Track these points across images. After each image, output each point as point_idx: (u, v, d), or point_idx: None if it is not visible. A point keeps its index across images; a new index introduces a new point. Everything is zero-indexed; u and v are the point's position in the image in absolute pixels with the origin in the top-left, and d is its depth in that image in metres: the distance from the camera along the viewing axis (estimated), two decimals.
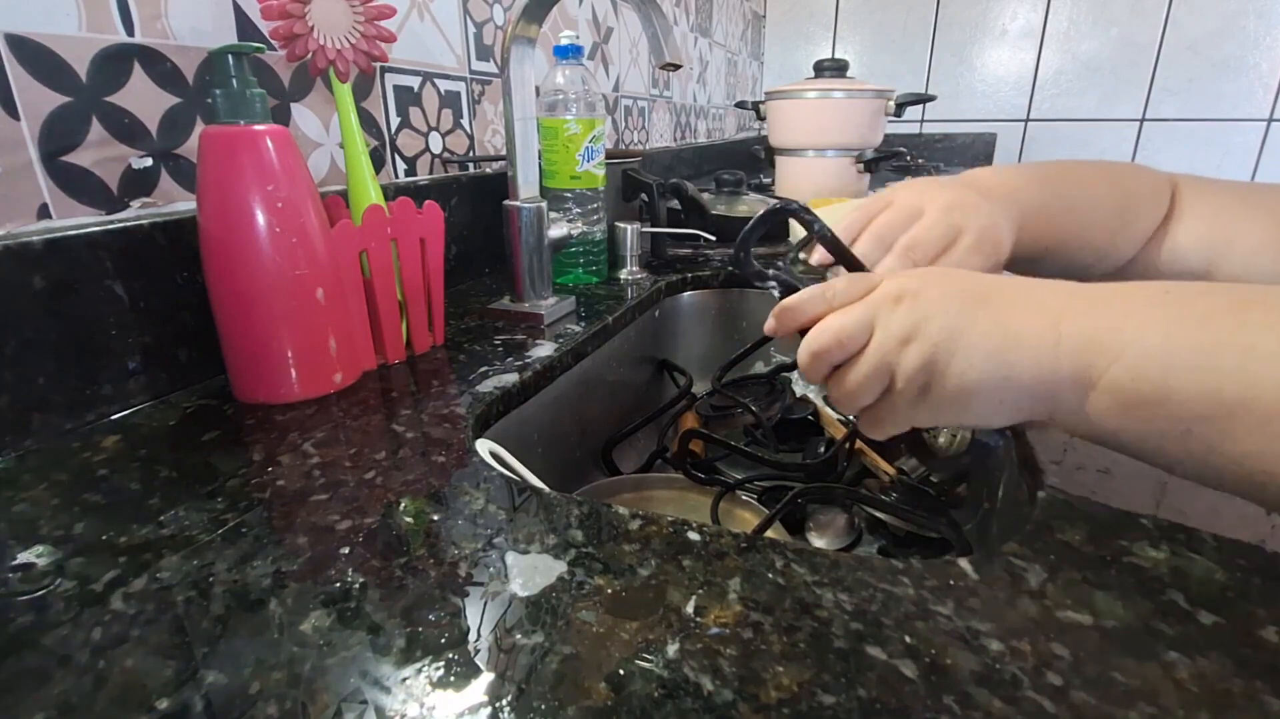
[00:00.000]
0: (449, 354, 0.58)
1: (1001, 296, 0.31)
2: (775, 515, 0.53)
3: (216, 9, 0.52)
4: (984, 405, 0.30)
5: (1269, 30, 1.80)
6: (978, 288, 0.32)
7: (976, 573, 0.29)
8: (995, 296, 0.31)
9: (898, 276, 0.33)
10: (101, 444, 0.42)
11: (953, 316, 0.30)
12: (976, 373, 0.29)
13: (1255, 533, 0.33)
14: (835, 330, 0.33)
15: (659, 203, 0.91)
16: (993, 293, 0.31)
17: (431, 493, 0.37)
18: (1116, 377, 0.27)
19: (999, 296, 0.31)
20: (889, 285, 0.33)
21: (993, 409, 0.30)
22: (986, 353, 0.29)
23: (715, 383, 0.78)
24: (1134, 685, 0.24)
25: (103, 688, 0.24)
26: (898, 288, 0.32)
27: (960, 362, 0.30)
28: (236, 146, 0.44)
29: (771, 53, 2.33)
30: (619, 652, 0.25)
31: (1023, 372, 0.29)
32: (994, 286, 0.32)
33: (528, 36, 0.60)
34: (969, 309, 0.31)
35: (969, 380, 0.30)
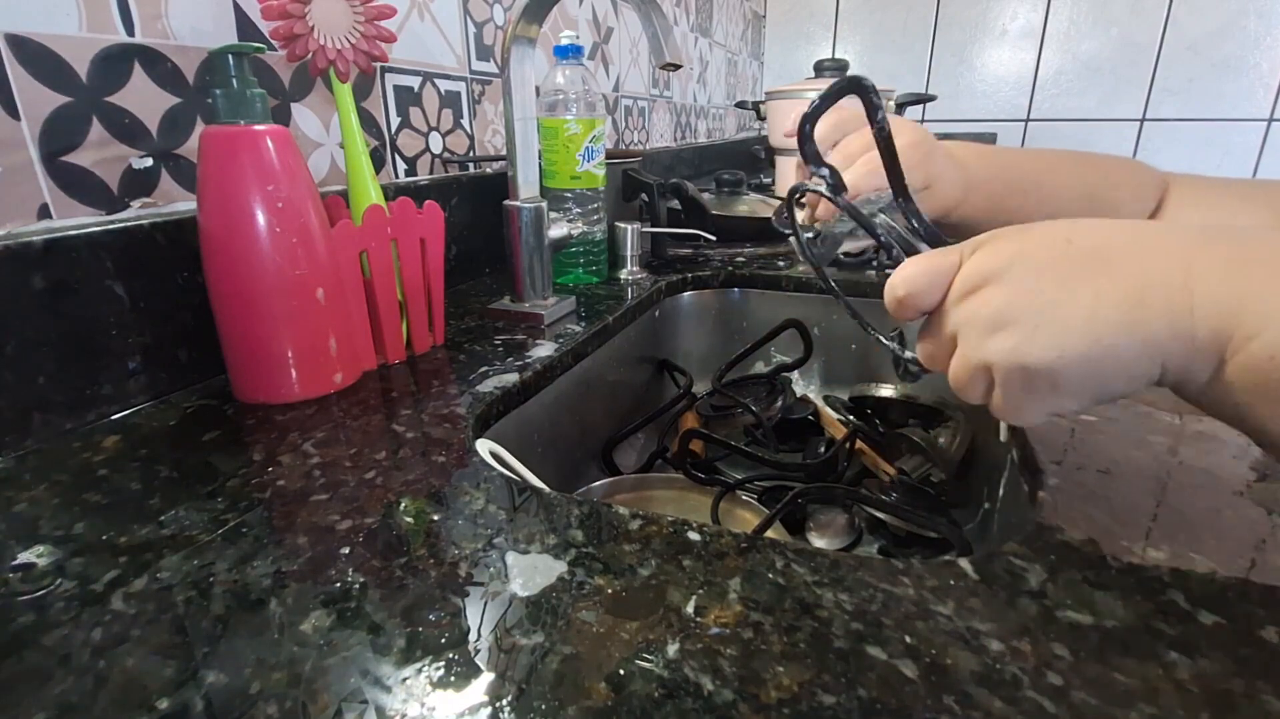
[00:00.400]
0: (449, 354, 0.58)
1: (1114, 244, 0.27)
2: (775, 515, 0.53)
3: (217, 9, 0.52)
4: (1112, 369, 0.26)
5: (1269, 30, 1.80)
6: (1081, 243, 0.27)
7: (977, 573, 0.29)
8: (1106, 247, 0.27)
9: (978, 253, 0.29)
10: (102, 444, 0.42)
11: (1050, 289, 0.27)
12: (1092, 338, 0.26)
13: (1256, 533, 0.33)
14: (924, 355, 0.31)
15: (659, 203, 0.91)
16: (1102, 244, 0.27)
17: (432, 493, 0.37)
18: (1255, 354, 0.24)
19: (1111, 245, 0.27)
20: (966, 272, 0.29)
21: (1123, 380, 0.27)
22: (1105, 314, 0.26)
23: (715, 383, 0.78)
24: (1134, 685, 0.24)
25: (103, 688, 0.24)
26: (977, 273, 0.29)
27: (1067, 335, 0.26)
28: (237, 147, 0.44)
29: (772, 53, 2.33)
30: (619, 652, 0.25)
31: (1158, 332, 0.25)
32: (1103, 236, 0.27)
33: (528, 36, 0.60)
34: (1073, 273, 0.27)
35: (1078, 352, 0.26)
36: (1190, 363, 0.25)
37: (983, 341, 0.28)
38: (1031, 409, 0.28)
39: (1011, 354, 0.27)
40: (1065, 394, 0.27)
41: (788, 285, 0.88)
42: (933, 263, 0.31)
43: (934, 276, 0.30)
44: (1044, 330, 0.26)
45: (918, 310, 0.31)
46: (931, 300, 0.31)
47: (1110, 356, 0.26)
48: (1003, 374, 0.28)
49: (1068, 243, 0.28)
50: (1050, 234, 0.29)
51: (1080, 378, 0.27)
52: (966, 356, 0.29)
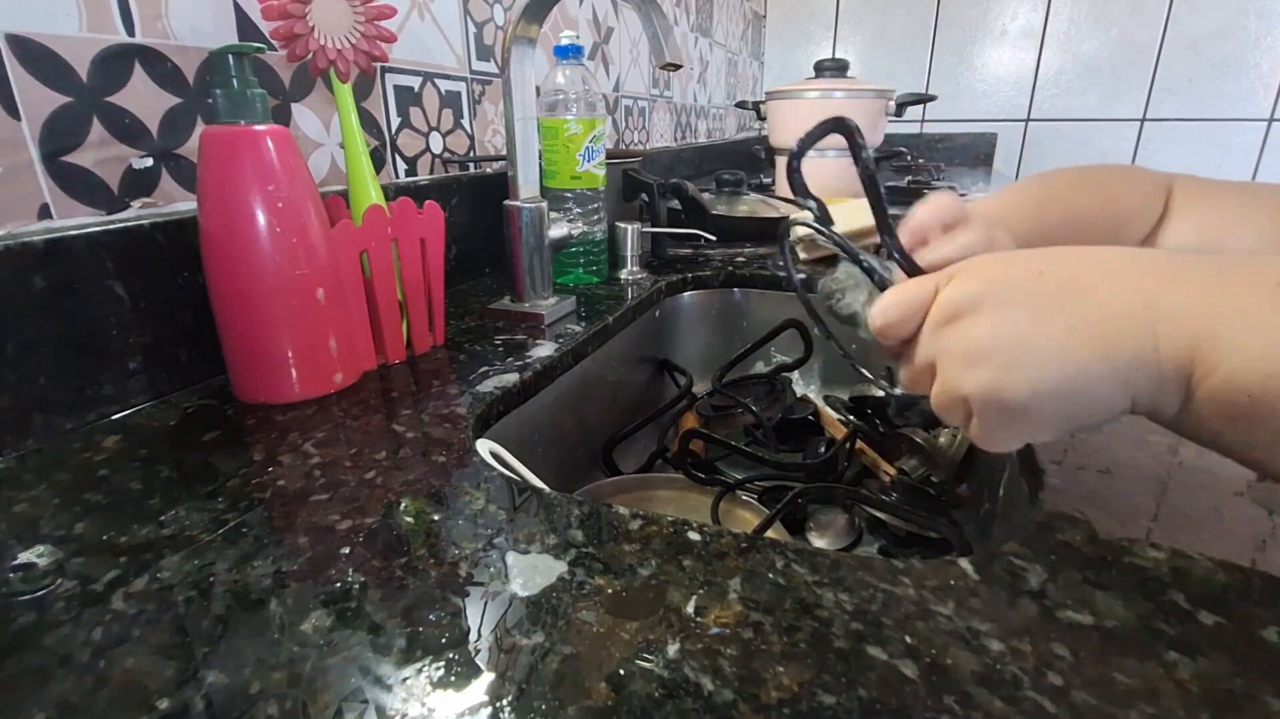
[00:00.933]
0: (449, 354, 0.58)
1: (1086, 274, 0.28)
2: (775, 515, 0.53)
3: (217, 9, 0.52)
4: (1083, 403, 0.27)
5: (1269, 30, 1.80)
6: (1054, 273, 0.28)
7: (977, 573, 0.29)
8: (1078, 278, 0.28)
9: (954, 281, 0.30)
10: (102, 444, 0.42)
11: (1024, 322, 0.27)
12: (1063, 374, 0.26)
13: (1258, 533, 0.33)
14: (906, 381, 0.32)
15: (659, 203, 0.91)
16: (1075, 274, 0.28)
17: (432, 493, 0.37)
18: (1217, 386, 0.24)
19: (1083, 276, 0.28)
20: (942, 300, 0.30)
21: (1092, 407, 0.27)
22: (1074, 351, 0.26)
23: (715, 383, 0.78)
24: (1135, 686, 0.24)
25: (103, 688, 0.24)
26: (952, 303, 0.29)
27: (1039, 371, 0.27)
28: (237, 147, 0.44)
29: (772, 53, 2.33)
30: (619, 652, 0.25)
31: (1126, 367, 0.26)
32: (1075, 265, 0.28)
33: (528, 36, 0.60)
34: (1045, 305, 0.27)
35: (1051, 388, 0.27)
36: (1159, 396, 0.26)
37: (960, 374, 0.29)
38: (1008, 440, 0.29)
39: (987, 390, 0.28)
40: (1039, 426, 0.28)
41: (788, 285, 0.88)
42: (907, 293, 0.32)
43: (909, 307, 0.31)
44: (1017, 366, 0.27)
45: (896, 339, 0.32)
46: (908, 329, 0.32)
47: (1082, 392, 0.27)
48: (980, 408, 0.29)
49: (1040, 275, 0.28)
50: (1023, 264, 0.29)
51: (1054, 411, 0.27)
52: (946, 387, 0.30)
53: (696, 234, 0.91)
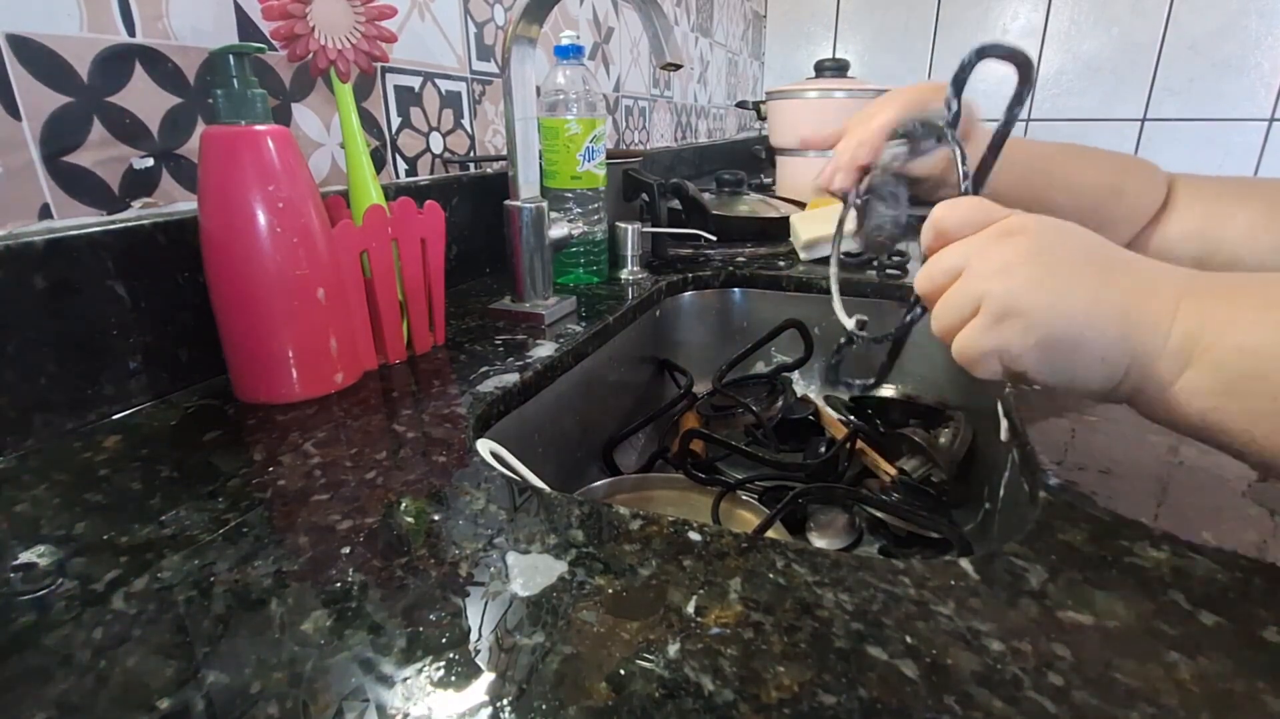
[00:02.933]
0: (450, 354, 0.58)
1: (1126, 263, 0.30)
2: (776, 515, 0.53)
3: (217, 9, 0.52)
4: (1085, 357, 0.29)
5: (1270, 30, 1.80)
6: (1110, 248, 0.31)
7: (977, 573, 0.29)
8: (1119, 261, 0.30)
9: (1025, 217, 0.32)
10: (103, 444, 0.42)
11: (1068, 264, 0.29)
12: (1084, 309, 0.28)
13: (1258, 533, 0.33)
14: (925, 276, 0.33)
15: (660, 203, 0.91)
16: (1117, 258, 0.30)
17: (432, 493, 0.37)
18: (1223, 349, 0.26)
19: (1123, 262, 0.30)
20: (1008, 222, 0.32)
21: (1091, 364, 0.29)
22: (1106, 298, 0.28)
23: (716, 383, 0.78)
24: (1135, 686, 0.24)
25: (104, 687, 0.24)
26: (1017, 225, 0.31)
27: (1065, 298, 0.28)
28: (238, 147, 0.44)
29: (772, 53, 2.33)
30: (620, 652, 0.25)
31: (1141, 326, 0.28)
32: (1120, 253, 0.31)
33: (528, 36, 0.60)
34: (1092, 265, 0.29)
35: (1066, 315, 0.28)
36: (1157, 362, 0.28)
37: (989, 275, 0.30)
38: (994, 353, 0.30)
39: (1010, 290, 0.29)
40: (1034, 349, 0.29)
41: (788, 285, 0.88)
42: (981, 204, 0.33)
43: (979, 213, 0.32)
44: (1050, 283, 0.29)
45: (946, 240, 0.33)
46: (964, 233, 0.32)
47: (1093, 328, 0.28)
48: (991, 304, 0.29)
49: (1101, 244, 0.31)
50: (1089, 234, 0.31)
51: (1056, 338, 0.28)
52: (967, 283, 0.31)
53: (697, 234, 0.91)
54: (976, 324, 0.30)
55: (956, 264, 0.31)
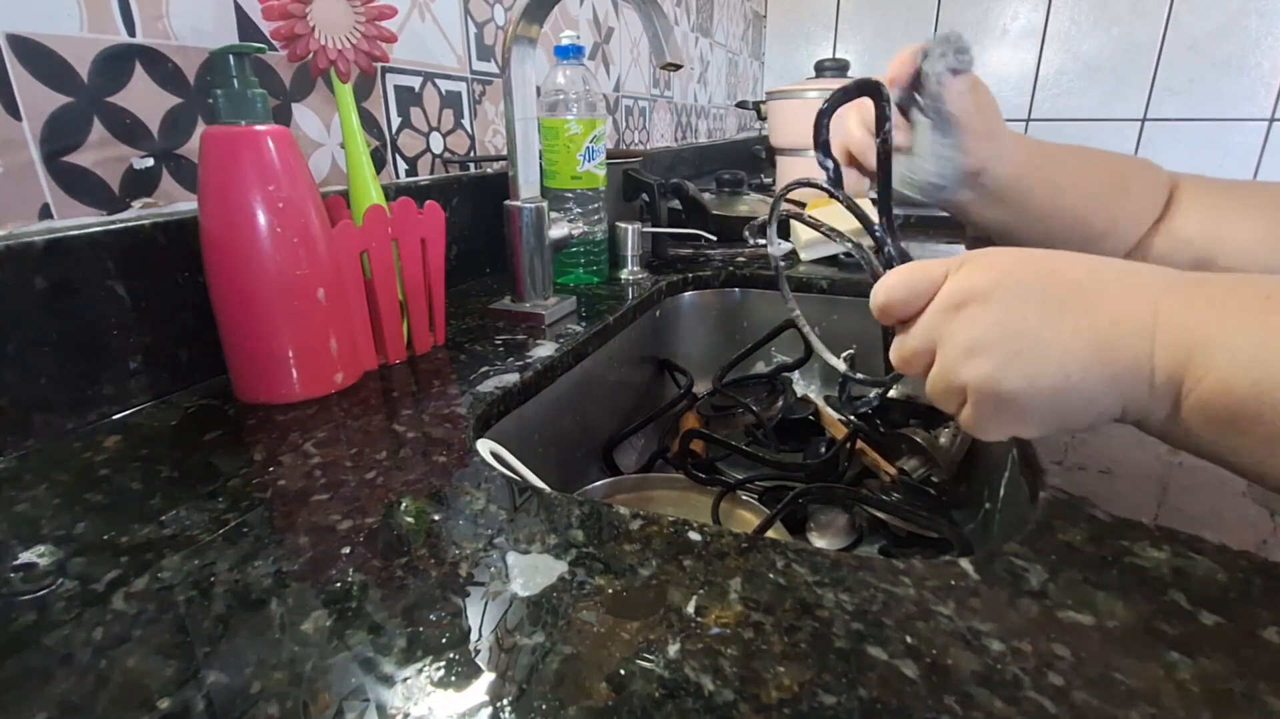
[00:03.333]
0: (450, 354, 0.58)
1: (1095, 280, 0.29)
2: (776, 515, 0.53)
3: (218, 9, 0.52)
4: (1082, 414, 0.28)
5: (1270, 30, 1.80)
6: (1066, 274, 0.29)
7: (978, 573, 0.29)
8: (1087, 282, 0.29)
9: (965, 269, 0.30)
10: (103, 444, 0.42)
11: (1030, 319, 0.28)
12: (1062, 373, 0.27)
13: (1258, 533, 0.33)
14: (898, 358, 0.32)
15: (660, 203, 0.91)
16: (1085, 278, 0.29)
17: (432, 493, 0.37)
18: (1204, 393, 0.25)
19: (1092, 281, 0.29)
20: (951, 287, 0.30)
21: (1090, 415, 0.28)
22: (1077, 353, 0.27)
23: (716, 383, 0.78)
24: (1135, 686, 0.24)
25: (104, 687, 0.24)
26: (963, 289, 0.30)
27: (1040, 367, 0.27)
28: (238, 147, 0.44)
29: (772, 53, 2.33)
30: (620, 652, 0.25)
31: (1121, 374, 0.27)
32: (1085, 270, 0.29)
33: (528, 36, 0.60)
34: (1051, 305, 0.28)
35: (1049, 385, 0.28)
36: (1149, 403, 0.27)
37: (961, 362, 0.29)
38: (998, 430, 0.30)
39: (986, 380, 0.29)
40: (1031, 421, 0.29)
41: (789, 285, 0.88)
42: (916, 274, 0.32)
43: (916, 287, 0.31)
44: (1019, 360, 0.28)
45: (896, 319, 0.33)
46: (911, 310, 0.32)
47: (1077, 392, 0.28)
48: (975, 396, 0.29)
49: (1052, 274, 0.29)
50: (1036, 262, 0.30)
51: (1047, 408, 0.28)
52: (944, 373, 0.30)
53: (697, 234, 0.91)
54: (974, 416, 0.30)
55: (924, 345, 0.31)
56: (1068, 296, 0.28)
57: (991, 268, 0.30)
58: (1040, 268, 0.29)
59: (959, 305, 0.30)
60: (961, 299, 0.30)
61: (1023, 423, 0.29)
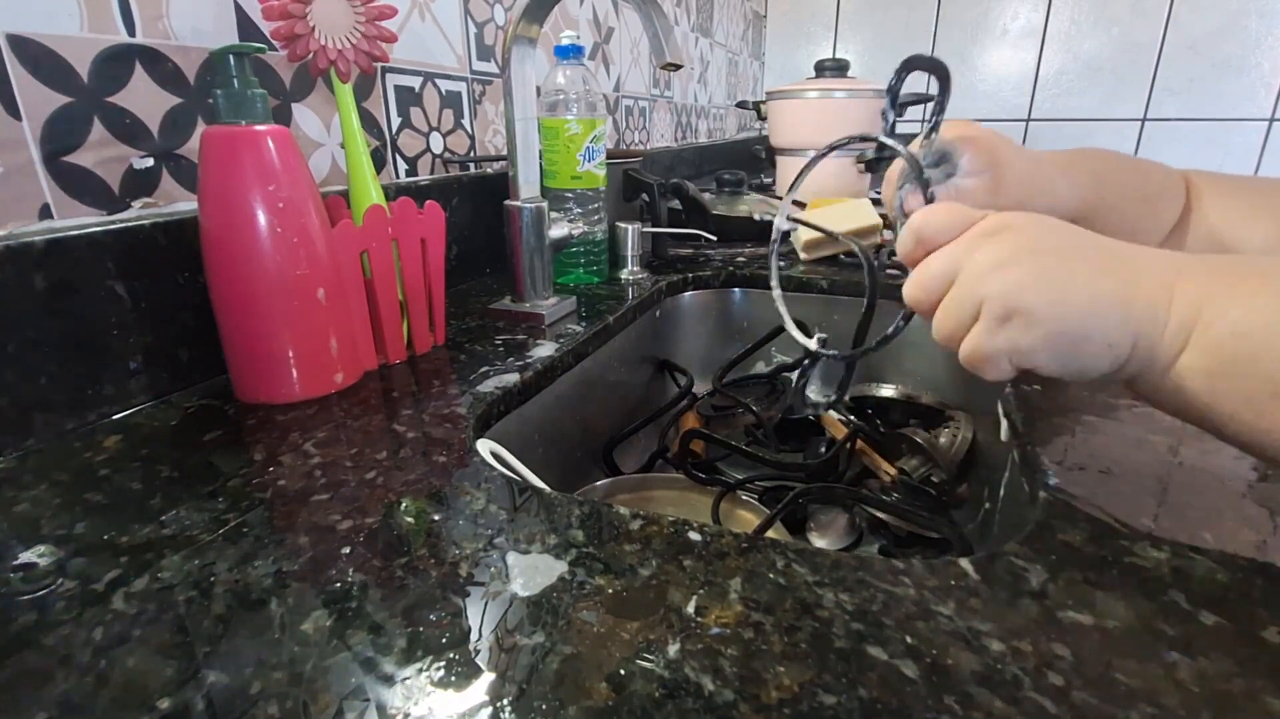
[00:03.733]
0: (450, 354, 0.58)
1: (1115, 250, 0.30)
2: (776, 515, 0.53)
3: (218, 9, 0.52)
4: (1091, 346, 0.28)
5: (1270, 30, 1.80)
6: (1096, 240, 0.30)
7: (978, 573, 0.29)
8: (1109, 249, 0.30)
9: (999, 214, 0.32)
10: (103, 444, 0.42)
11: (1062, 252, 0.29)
12: (1085, 297, 0.28)
13: (1258, 532, 0.33)
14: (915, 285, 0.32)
15: (660, 203, 0.91)
16: (1106, 246, 0.30)
17: (432, 493, 0.37)
18: (1218, 332, 0.26)
19: (1113, 249, 0.30)
20: (988, 222, 0.31)
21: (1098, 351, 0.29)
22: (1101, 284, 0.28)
23: (716, 383, 0.78)
24: (1135, 686, 0.24)
25: (104, 687, 0.24)
26: (998, 223, 0.31)
27: (1064, 288, 0.28)
28: (238, 147, 0.44)
29: (772, 53, 2.33)
30: (620, 652, 0.25)
31: (1139, 311, 0.28)
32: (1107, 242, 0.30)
33: (529, 36, 0.60)
34: (1081, 253, 0.29)
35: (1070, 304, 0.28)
36: (1156, 350, 0.28)
37: (985, 275, 0.30)
38: (1004, 355, 0.29)
39: (1010, 290, 0.29)
40: (1042, 345, 0.29)
41: (788, 285, 0.88)
42: (957, 209, 0.32)
43: (956, 218, 0.32)
44: (1045, 277, 0.29)
45: (927, 247, 0.33)
46: (944, 239, 0.32)
47: (1096, 317, 0.28)
48: (993, 307, 0.29)
49: (1088, 235, 0.31)
50: (1073, 227, 0.31)
51: (1062, 331, 0.28)
52: (963, 289, 0.30)
53: (697, 234, 0.91)
54: (982, 327, 0.30)
55: (947, 269, 0.31)
56: (1096, 245, 0.30)
57: (1028, 218, 0.31)
58: (1075, 229, 0.31)
59: (994, 232, 0.31)
60: (996, 229, 0.31)
61: (1032, 345, 0.29)
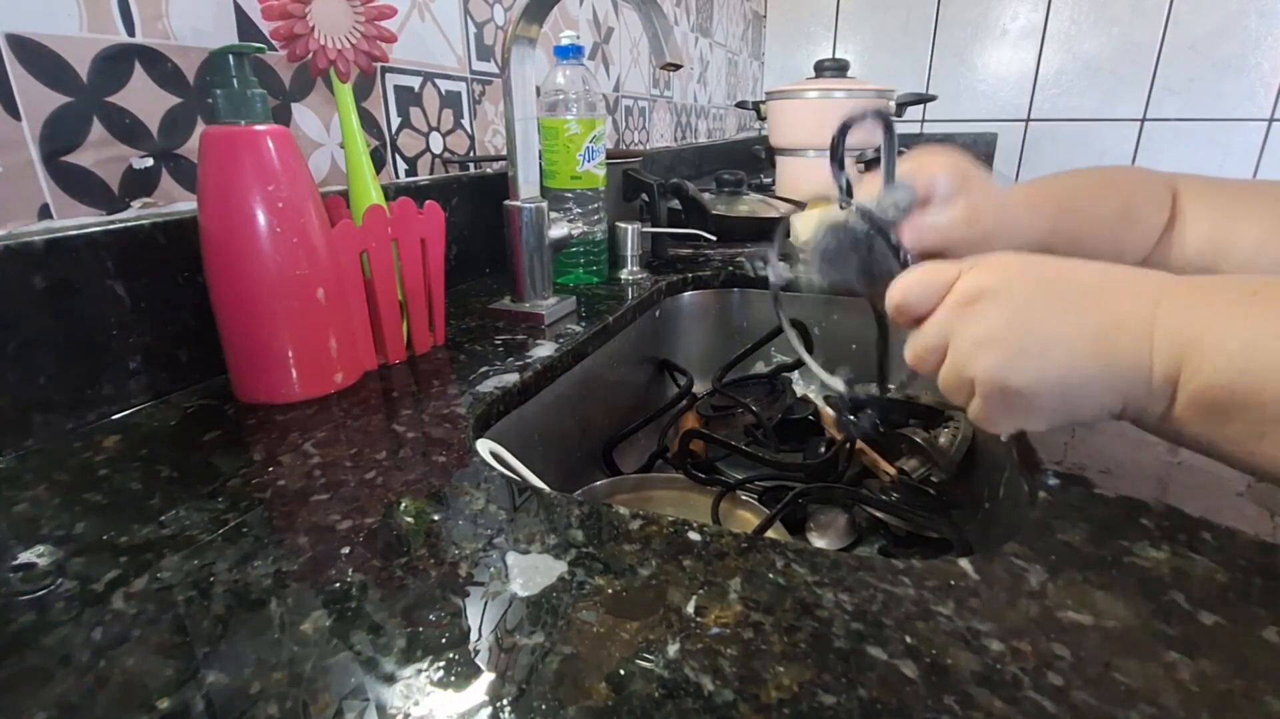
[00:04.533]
0: (450, 354, 0.58)
1: (1100, 282, 0.30)
2: (776, 515, 0.53)
3: (217, 9, 0.52)
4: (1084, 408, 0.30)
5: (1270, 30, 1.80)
6: (1072, 277, 0.31)
7: (977, 573, 0.29)
8: (1092, 284, 0.30)
9: (976, 270, 0.32)
10: (102, 444, 0.42)
11: (1038, 316, 0.30)
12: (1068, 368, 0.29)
13: (1258, 533, 0.33)
14: (912, 355, 0.33)
15: (659, 203, 0.91)
16: (1089, 281, 0.30)
17: (432, 493, 0.37)
18: (1197, 389, 0.27)
19: (1096, 283, 0.30)
20: (963, 285, 0.32)
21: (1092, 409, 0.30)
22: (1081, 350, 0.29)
23: (716, 383, 0.78)
24: (1135, 686, 0.24)
25: (104, 688, 0.24)
26: (974, 287, 0.31)
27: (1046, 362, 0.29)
28: (237, 146, 0.44)
29: (772, 53, 2.33)
30: (619, 652, 0.25)
31: (1122, 370, 0.28)
32: (1091, 274, 0.31)
33: (528, 36, 0.60)
34: (1058, 303, 0.30)
35: (1055, 379, 0.29)
36: (1148, 399, 0.28)
37: (971, 355, 0.31)
38: (1005, 422, 0.31)
39: (995, 373, 0.30)
40: (1037, 413, 0.30)
41: (788, 286, 0.88)
42: (930, 275, 0.33)
43: (930, 287, 0.33)
44: (1026, 355, 0.29)
45: (912, 318, 0.34)
46: (926, 308, 0.33)
47: (1080, 388, 0.29)
48: (984, 389, 0.31)
49: (1058, 275, 0.32)
50: (1044, 264, 0.32)
51: (1052, 402, 0.30)
52: (956, 366, 0.32)
53: (697, 234, 0.91)
54: (983, 408, 0.31)
55: (937, 343, 0.32)
56: (1073, 296, 0.30)
57: (1002, 268, 0.32)
58: (1047, 270, 0.31)
59: (970, 302, 0.31)
60: (973, 296, 0.31)
61: (1029, 415, 0.31)
